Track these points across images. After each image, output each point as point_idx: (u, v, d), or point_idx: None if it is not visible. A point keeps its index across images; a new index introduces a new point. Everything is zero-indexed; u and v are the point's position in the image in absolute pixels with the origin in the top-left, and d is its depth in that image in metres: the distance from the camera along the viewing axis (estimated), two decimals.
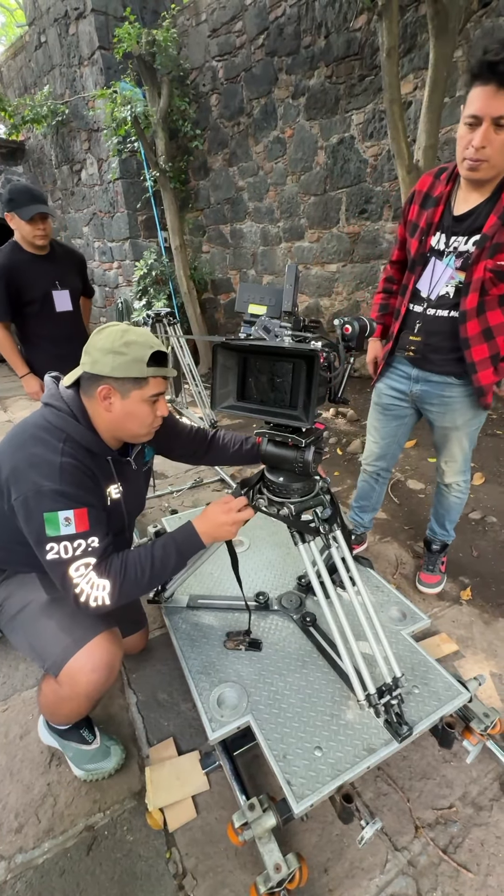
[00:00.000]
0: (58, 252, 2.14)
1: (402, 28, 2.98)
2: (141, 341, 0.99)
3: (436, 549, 1.81)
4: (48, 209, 1.94)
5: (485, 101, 1.00)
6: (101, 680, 1.05)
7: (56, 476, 0.95)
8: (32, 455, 0.97)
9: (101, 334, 1.00)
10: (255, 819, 0.95)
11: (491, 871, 1.02)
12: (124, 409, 1.02)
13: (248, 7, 3.91)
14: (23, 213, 1.89)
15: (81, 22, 4.65)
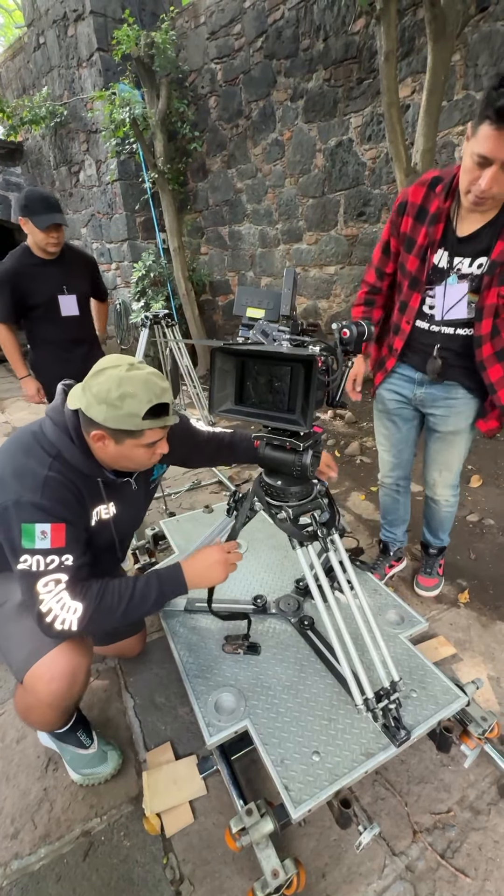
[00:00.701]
0: (67, 256, 2.15)
1: (400, 32, 2.99)
2: (139, 394, 0.93)
3: (433, 552, 1.80)
4: (63, 219, 1.97)
5: (497, 144, 0.97)
6: (62, 689, 1.00)
7: (39, 489, 0.95)
8: (21, 465, 0.97)
9: (100, 377, 0.94)
10: (252, 824, 0.94)
11: (489, 875, 1.01)
12: (119, 452, 1.01)
13: (247, 10, 3.92)
14: (38, 222, 1.91)
15: (80, 24, 4.65)
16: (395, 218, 1.32)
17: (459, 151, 3.11)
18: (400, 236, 1.33)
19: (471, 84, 2.94)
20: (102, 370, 0.96)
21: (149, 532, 1.94)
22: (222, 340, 0.98)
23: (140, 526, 1.43)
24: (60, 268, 2.11)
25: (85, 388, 0.96)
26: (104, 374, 0.95)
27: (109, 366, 0.96)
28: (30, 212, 1.90)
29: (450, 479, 1.60)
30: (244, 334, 1.04)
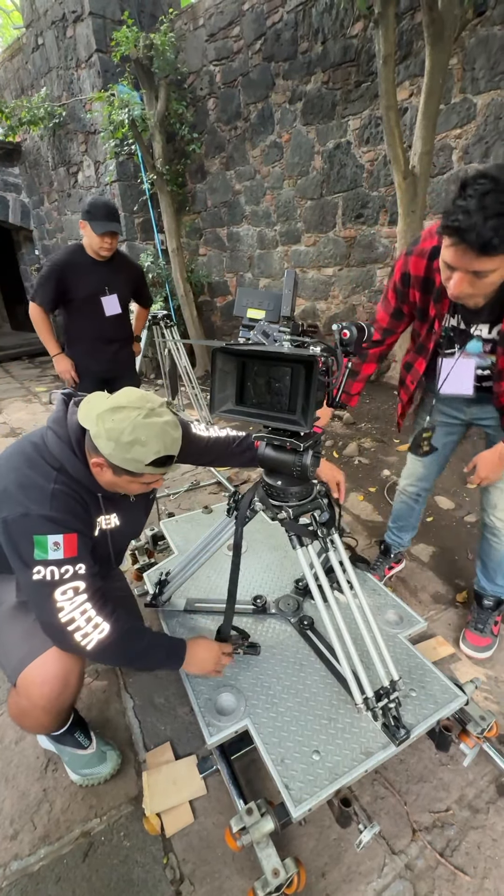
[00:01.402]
0: (116, 261, 2.31)
1: (398, 35, 3.01)
2: (149, 444, 0.93)
3: (488, 605, 1.51)
4: (119, 228, 2.14)
5: (457, 258, 0.97)
6: (55, 693, 1.00)
7: (47, 501, 0.95)
8: (25, 477, 0.96)
9: (117, 415, 0.93)
10: (252, 824, 0.95)
11: (488, 873, 1.02)
12: (114, 482, 1.01)
13: (246, 13, 3.94)
14: (95, 227, 2.08)
15: (79, 25, 4.65)
16: (401, 288, 1.29)
17: (456, 155, 3.14)
18: (410, 304, 1.31)
19: (468, 87, 2.97)
20: (122, 408, 0.94)
21: (148, 532, 1.94)
22: (222, 341, 0.99)
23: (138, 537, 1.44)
24: (107, 269, 2.27)
25: (99, 419, 0.93)
26: (122, 413, 0.93)
27: (130, 405, 0.94)
28: (91, 217, 2.08)
29: None
30: (245, 335, 1.05)
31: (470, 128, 3.03)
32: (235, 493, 1.35)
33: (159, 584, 1.50)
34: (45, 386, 5.45)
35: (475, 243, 0.90)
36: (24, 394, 5.20)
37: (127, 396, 0.97)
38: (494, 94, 2.87)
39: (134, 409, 0.94)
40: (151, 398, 1.00)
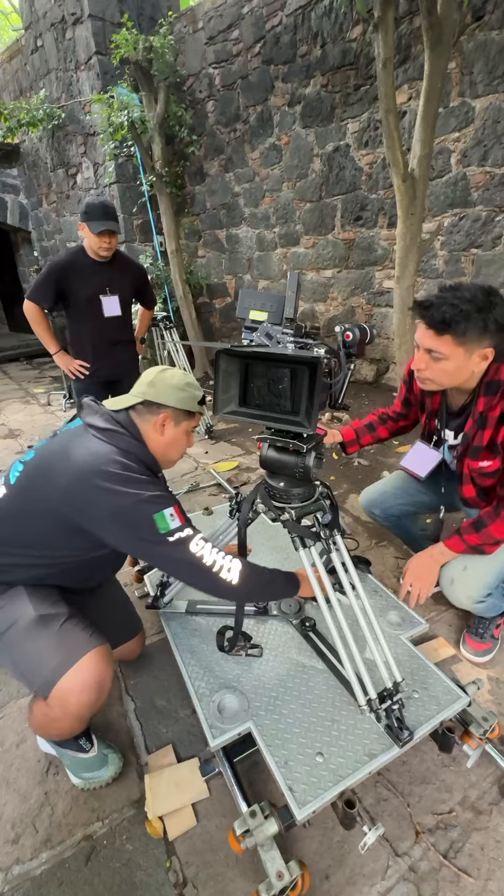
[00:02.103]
0: (117, 261, 2.31)
1: (397, 39, 3.03)
2: (195, 386, 1.18)
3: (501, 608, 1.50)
4: (115, 226, 2.13)
5: (420, 333, 1.12)
6: (92, 700, 1.02)
7: (148, 486, 1.04)
8: (120, 475, 1.01)
9: (167, 373, 1.16)
10: (256, 826, 0.94)
11: (491, 875, 1.02)
12: (173, 436, 1.16)
13: (245, 16, 3.95)
14: (92, 227, 2.09)
15: (78, 27, 4.66)
16: (408, 380, 1.46)
17: (455, 158, 3.16)
18: (415, 396, 1.46)
19: (466, 91, 2.99)
20: (164, 370, 1.16)
21: None
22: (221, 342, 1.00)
23: None
24: (108, 270, 2.27)
25: (151, 385, 1.13)
26: (168, 372, 1.16)
27: (166, 368, 1.17)
28: (88, 217, 2.09)
29: (473, 583, 1.29)
30: (248, 337, 1.05)
31: (468, 131, 3.05)
32: (237, 495, 1.35)
33: (160, 585, 1.50)
34: (44, 387, 5.44)
35: (432, 320, 1.07)
36: (23, 395, 5.19)
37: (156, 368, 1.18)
38: (493, 97, 2.89)
39: (176, 370, 1.17)
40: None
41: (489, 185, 3.05)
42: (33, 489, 1.06)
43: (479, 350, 1.08)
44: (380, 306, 3.95)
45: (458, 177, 3.17)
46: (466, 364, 1.10)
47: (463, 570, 1.31)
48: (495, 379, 1.13)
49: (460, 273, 3.37)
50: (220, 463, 3.09)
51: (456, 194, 3.22)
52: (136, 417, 1.14)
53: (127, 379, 2.60)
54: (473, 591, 1.29)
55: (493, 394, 1.14)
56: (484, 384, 1.15)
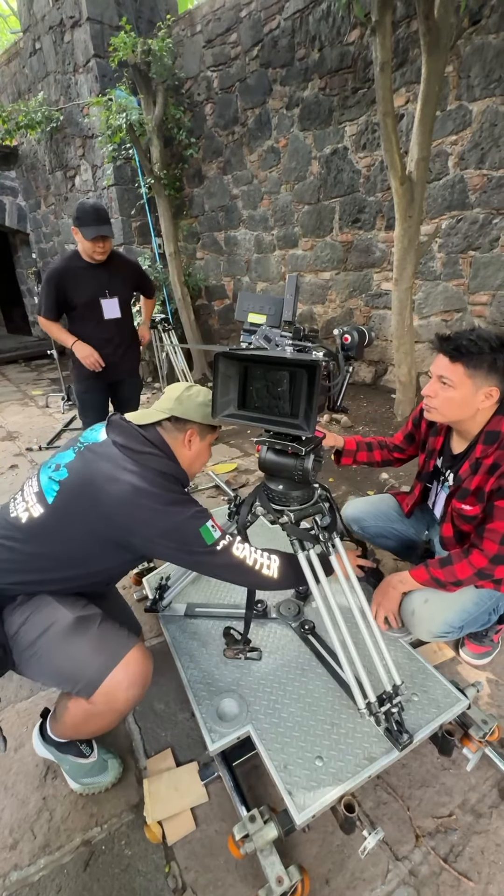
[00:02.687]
0: (113, 262, 2.30)
1: (394, 43, 3.04)
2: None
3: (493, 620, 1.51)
4: (109, 231, 2.13)
5: (436, 363, 1.22)
6: (138, 694, 1.06)
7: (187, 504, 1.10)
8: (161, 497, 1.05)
9: (192, 391, 1.20)
10: (256, 831, 0.94)
11: (491, 878, 1.02)
12: (199, 450, 1.22)
13: (243, 19, 3.97)
14: (86, 233, 2.08)
15: (77, 30, 4.67)
16: (417, 417, 1.51)
17: (452, 160, 3.17)
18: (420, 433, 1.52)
19: (464, 94, 3.00)
20: (189, 387, 1.21)
21: None
22: (220, 345, 1.00)
23: None
24: (105, 272, 2.26)
25: (178, 401, 1.17)
26: (194, 389, 1.21)
27: (189, 384, 1.22)
28: (80, 223, 2.07)
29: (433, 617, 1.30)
30: (246, 339, 1.05)
31: (466, 134, 3.07)
32: (236, 498, 1.35)
33: (159, 588, 1.49)
34: (42, 389, 5.44)
35: (449, 347, 1.16)
36: (21, 397, 5.18)
37: (181, 385, 1.22)
38: (489, 101, 2.91)
39: (195, 386, 1.22)
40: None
41: (486, 188, 3.06)
42: (75, 511, 1.06)
43: (485, 387, 1.16)
44: (378, 308, 3.96)
45: (456, 179, 3.18)
46: (472, 398, 1.18)
47: (424, 602, 1.33)
48: (495, 430, 1.21)
49: (458, 275, 3.38)
50: (219, 465, 3.09)
51: (454, 197, 3.23)
52: (164, 434, 1.17)
53: (128, 380, 2.60)
54: (433, 626, 1.31)
55: (491, 443, 1.21)
56: (484, 433, 1.22)
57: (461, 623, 1.32)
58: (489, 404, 1.18)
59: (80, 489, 1.06)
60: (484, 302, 3.31)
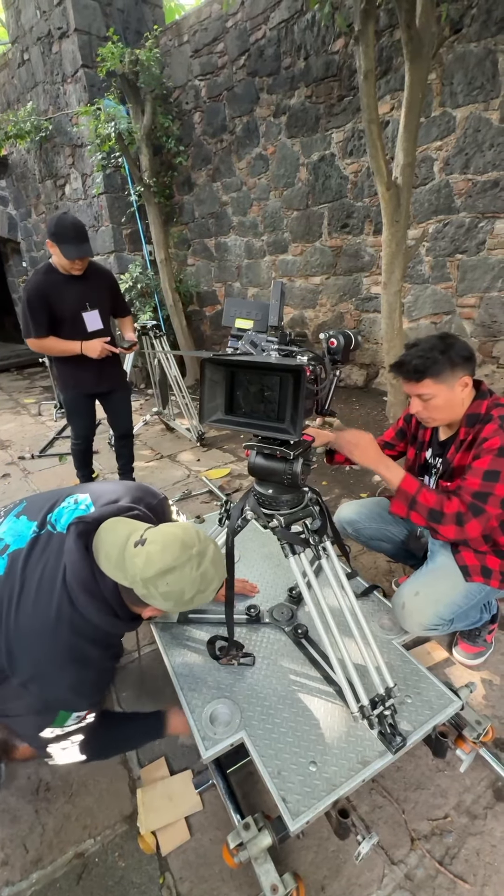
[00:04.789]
0: (90, 273, 2.24)
1: (378, 52, 3.09)
2: (212, 585, 0.92)
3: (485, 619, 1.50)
4: (89, 250, 2.07)
5: (406, 387, 1.28)
6: None
7: (89, 692, 0.96)
8: (67, 661, 0.91)
9: (170, 577, 0.85)
10: (250, 839, 0.93)
11: (487, 880, 1.01)
12: (152, 612, 0.98)
13: (229, 29, 4.01)
14: (66, 251, 2.01)
15: (65, 41, 4.70)
16: (408, 416, 1.56)
17: (438, 166, 3.21)
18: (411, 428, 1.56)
19: (447, 101, 3.05)
20: (171, 569, 0.85)
21: None
22: (211, 351, 1.00)
23: None
24: (84, 285, 2.21)
25: (148, 584, 0.85)
26: (174, 575, 0.85)
27: (178, 562, 0.85)
28: (58, 239, 1.99)
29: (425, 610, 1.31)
30: (233, 345, 1.06)
31: (450, 140, 3.11)
32: (227, 503, 1.35)
33: None
34: (34, 398, 5.41)
35: (408, 373, 1.24)
36: (13, 406, 5.16)
37: (170, 550, 0.86)
38: (472, 107, 2.96)
39: (185, 565, 0.85)
40: (190, 534, 0.90)
41: (472, 192, 3.10)
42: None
43: (457, 381, 1.23)
44: (368, 312, 3.99)
45: (442, 184, 3.23)
46: (453, 395, 1.25)
47: (414, 595, 1.34)
48: (475, 412, 1.27)
49: (446, 278, 3.42)
50: (212, 470, 3.09)
51: (440, 201, 3.27)
52: (123, 592, 0.93)
53: (119, 391, 2.57)
54: (423, 619, 1.32)
55: (472, 425, 1.27)
56: (465, 417, 1.28)
57: (451, 616, 1.33)
58: (468, 391, 1.26)
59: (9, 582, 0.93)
60: (472, 304, 3.35)
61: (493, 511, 1.18)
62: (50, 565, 0.93)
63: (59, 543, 0.95)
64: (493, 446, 1.19)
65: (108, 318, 2.40)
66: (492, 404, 1.26)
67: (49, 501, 1.06)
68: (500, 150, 2.92)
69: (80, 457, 2.66)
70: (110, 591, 0.91)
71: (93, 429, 2.61)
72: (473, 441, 1.26)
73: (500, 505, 1.18)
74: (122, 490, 1.12)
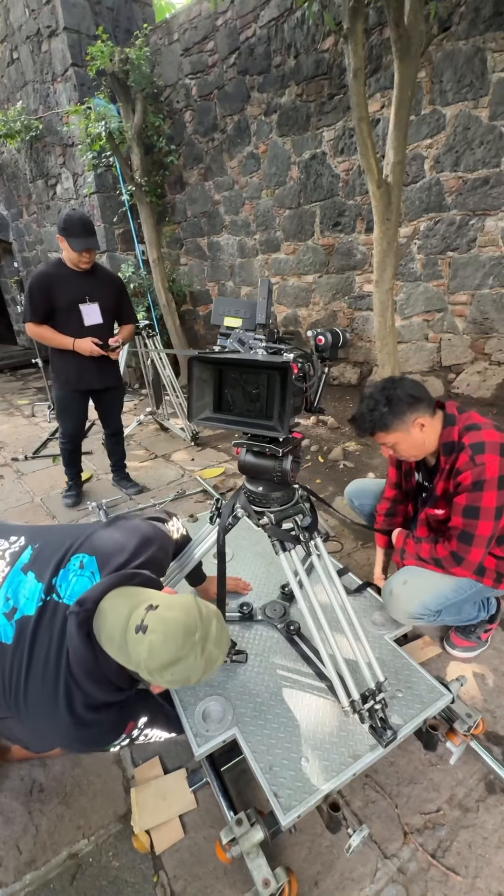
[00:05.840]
0: (97, 272, 2.33)
1: (367, 50, 3.10)
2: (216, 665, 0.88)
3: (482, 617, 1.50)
4: (96, 244, 2.19)
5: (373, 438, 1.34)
6: None
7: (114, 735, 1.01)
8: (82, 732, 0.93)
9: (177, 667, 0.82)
10: (242, 834, 0.94)
11: (479, 872, 1.02)
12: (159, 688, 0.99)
13: (219, 28, 4.01)
14: (73, 244, 2.12)
15: (54, 39, 4.68)
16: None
17: (428, 164, 3.23)
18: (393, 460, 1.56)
19: (437, 99, 3.06)
20: (177, 661, 0.81)
21: None
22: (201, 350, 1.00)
23: None
24: (87, 278, 2.29)
25: (154, 674, 0.83)
26: (180, 665, 0.82)
27: (184, 653, 0.81)
28: (67, 233, 2.11)
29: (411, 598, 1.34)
30: (222, 343, 1.06)
31: (440, 138, 3.12)
32: (219, 501, 1.35)
33: None
34: (28, 398, 5.39)
35: (362, 432, 1.31)
36: (7, 407, 5.13)
37: (172, 640, 0.81)
38: (462, 105, 2.97)
39: (189, 655, 0.82)
40: (192, 617, 0.85)
41: (462, 190, 3.12)
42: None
43: (411, 425, 1.26)
44: (361, 310, 4.00)
45: (432, 182, 3.24)
46: (413, 437, 1.28)
47: (403, 584, 1.38)
48: (449, 440, 1.29)
49: (438, 276, 3.43)
50: (206, 469, 3.09)
51: (430, 199, 3.28)
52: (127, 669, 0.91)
53: (112, 389, 2.58)
54: (409, 607, 1.35)
55: (449, 453, 1.29)
56: (441, 446, 1.31)
57: (438, 607, 1.35)
58: (429, 428, 1.28)
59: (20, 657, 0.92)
60: (464, 302, 3.36)
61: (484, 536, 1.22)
62: (55, 640, 0.91)
63: (63, 617, 0.92)
64: (467, 482, 1.22)
65: (111, 317, 2.43)
66: (462, 429, 1.27)
67: (56, 554, 1.01)
68: (489, 147, 2.94)
69: (67, 456, 2.67)
70: (114, 671, 0.90)
71: (82, 428, 2.61)
72: (452, 469, 1.29)
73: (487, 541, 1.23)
74: (127, 538, 1.05)
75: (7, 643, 0.93)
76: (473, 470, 1.20)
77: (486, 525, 1.21)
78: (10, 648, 0.92)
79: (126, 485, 2.85)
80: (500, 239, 3.06)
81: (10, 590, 0.98)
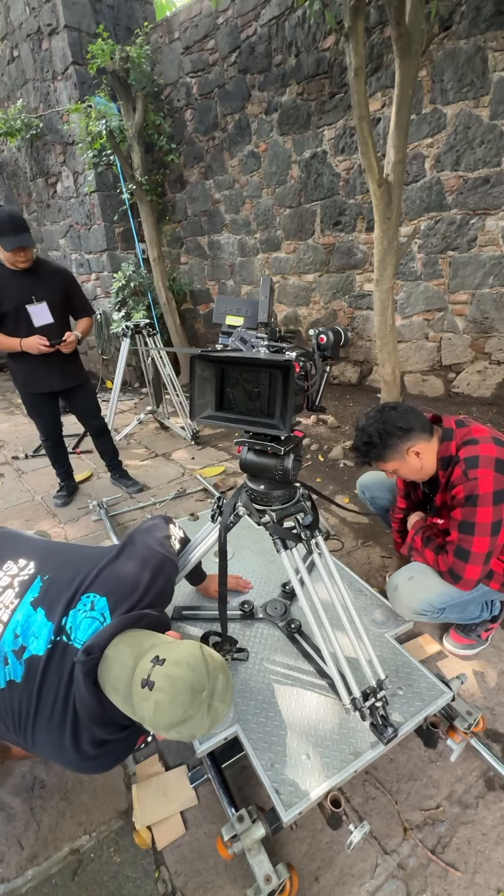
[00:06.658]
0: (40, 269, 2.18)
1: (368, 49, 3.09)
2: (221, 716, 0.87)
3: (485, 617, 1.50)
4: (29, 240, 2.01)
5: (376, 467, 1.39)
6: None
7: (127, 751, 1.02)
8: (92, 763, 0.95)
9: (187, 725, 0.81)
10: (244, 831, 0.94)
11: (478, 868, 1.03)
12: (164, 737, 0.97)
13: (220, 26, 4.00)
14: (3, 243, 1.97)
15: (54, 38, 4.66)
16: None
17: (429, 163, 3.22)
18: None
19: (438, 98, 3.06)
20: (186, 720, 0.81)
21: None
22: (201, 348, 1.00)
23: None
24: (30, 278, 2.15)
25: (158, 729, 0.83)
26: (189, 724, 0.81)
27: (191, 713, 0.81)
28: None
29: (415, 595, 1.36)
30: (223, 342, 1.06)
31: (441, 137, 3.12)
32: (220, 499, 1.36)
33: None
34: None
35: (363, 462, 1.37)
36: (7, 406, 5.13)
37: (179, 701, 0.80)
38: (463, 104, 2.97)
39: (196, 715, 0.81)
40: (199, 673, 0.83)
41: (462, 189, 3.12)
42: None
43: (405, 453, 1.30)
44: (361, 309, 4.00)
45: (433, 181, 3.24)
46: (410, 464, 1.32)
47: (408, 579, 1.40)
48: (446, 455, 1.31)
49: (438, 275, 3.43)
50: (207, 468, 3.09)
51: (431, 198, 3.28)
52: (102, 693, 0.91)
53: (79, 388, 2.44)
54: (413, 603, 1.37)
55: (446, 467, 1.32)
56: (439, 460, 1.33)
57: (442, 605, 1.36)
58: (426, 453, 1.31)
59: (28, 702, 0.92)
60: (464, 301, 3.37)
61: (480, 553, 1.23)
62: (64, 684, 0.91)
63: (72, 660, 0.91)
64: (460, 496, 1.23)
65: (62, 314, 2.29)
66: (460, 443, 1.28)
67: (66, 591, 0.99)
68: (490, 146, 2.94)
69: (51, 456, 2.63)
70: (121, 715, 0.89)
71: (58, 427, 2.55)
72: (448, 482, 1.31)
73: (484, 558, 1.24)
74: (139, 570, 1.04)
75: (17, 681, 0.92)
76: (466, 484, 1.21)
77: (482, 541, 1.22)
78: (19, 687, 0.92)
79: (126, 483, 2.85)
80: (500, 238, 3.07)
81: (19, 626, 0.96)
